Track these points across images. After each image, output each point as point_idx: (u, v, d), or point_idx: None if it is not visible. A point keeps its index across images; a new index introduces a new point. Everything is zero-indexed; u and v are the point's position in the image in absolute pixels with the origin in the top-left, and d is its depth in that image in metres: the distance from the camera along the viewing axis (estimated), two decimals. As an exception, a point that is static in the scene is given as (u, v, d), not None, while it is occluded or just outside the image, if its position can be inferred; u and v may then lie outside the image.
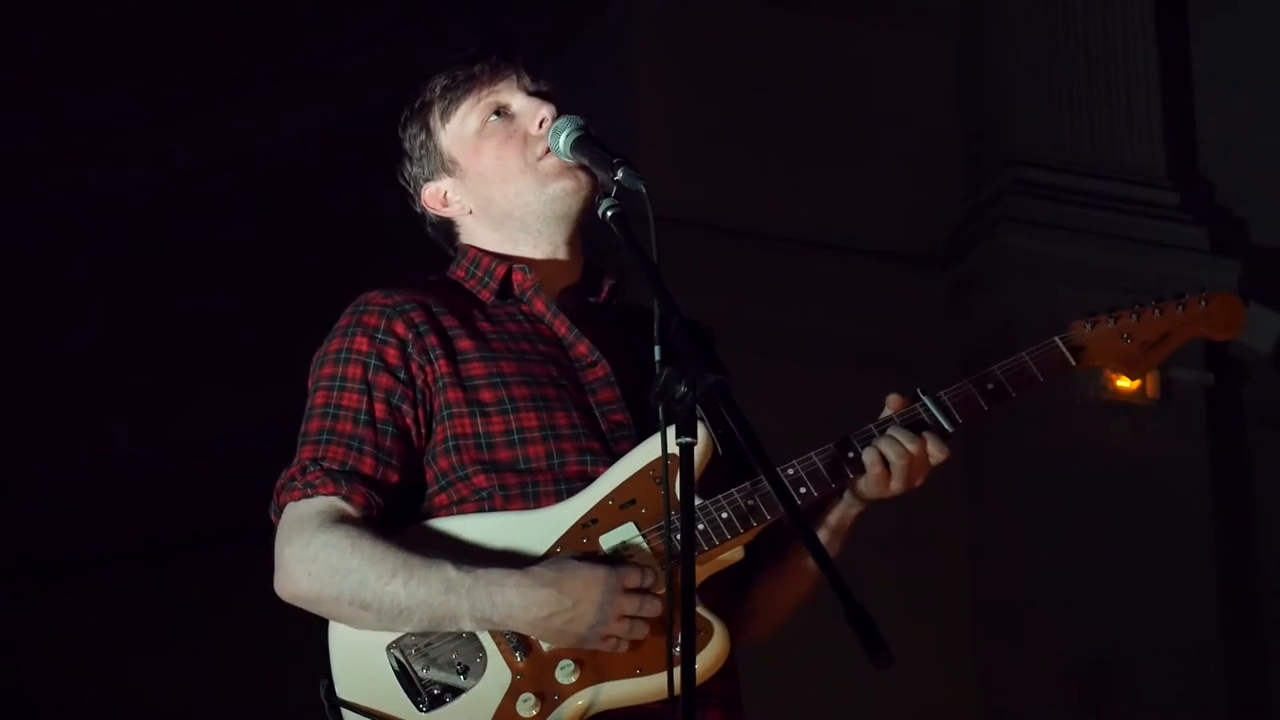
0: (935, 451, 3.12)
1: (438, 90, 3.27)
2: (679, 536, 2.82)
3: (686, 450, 2.71)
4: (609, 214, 3.01)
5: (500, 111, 3.24)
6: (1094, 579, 7.17)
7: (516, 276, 3.22)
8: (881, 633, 2.56)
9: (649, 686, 2.95)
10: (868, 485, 3.11)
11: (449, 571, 2.94)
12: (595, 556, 2.98)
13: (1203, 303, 3.26)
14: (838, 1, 7.81)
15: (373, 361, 3.10)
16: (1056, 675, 7.15)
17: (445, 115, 3.27)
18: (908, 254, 7.67)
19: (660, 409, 2.78)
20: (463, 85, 3.26)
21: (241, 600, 3.11)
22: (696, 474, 2.97)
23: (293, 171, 8.53)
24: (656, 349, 2.83)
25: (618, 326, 3.25)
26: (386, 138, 3.40)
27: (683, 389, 2.72)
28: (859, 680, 4.94)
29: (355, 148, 6.88)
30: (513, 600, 2.93)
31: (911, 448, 3.09)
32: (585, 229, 3.28)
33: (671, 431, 2.73)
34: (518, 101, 3.25)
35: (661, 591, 2.96)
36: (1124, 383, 7.32)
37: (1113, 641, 7.15)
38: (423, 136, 3.29)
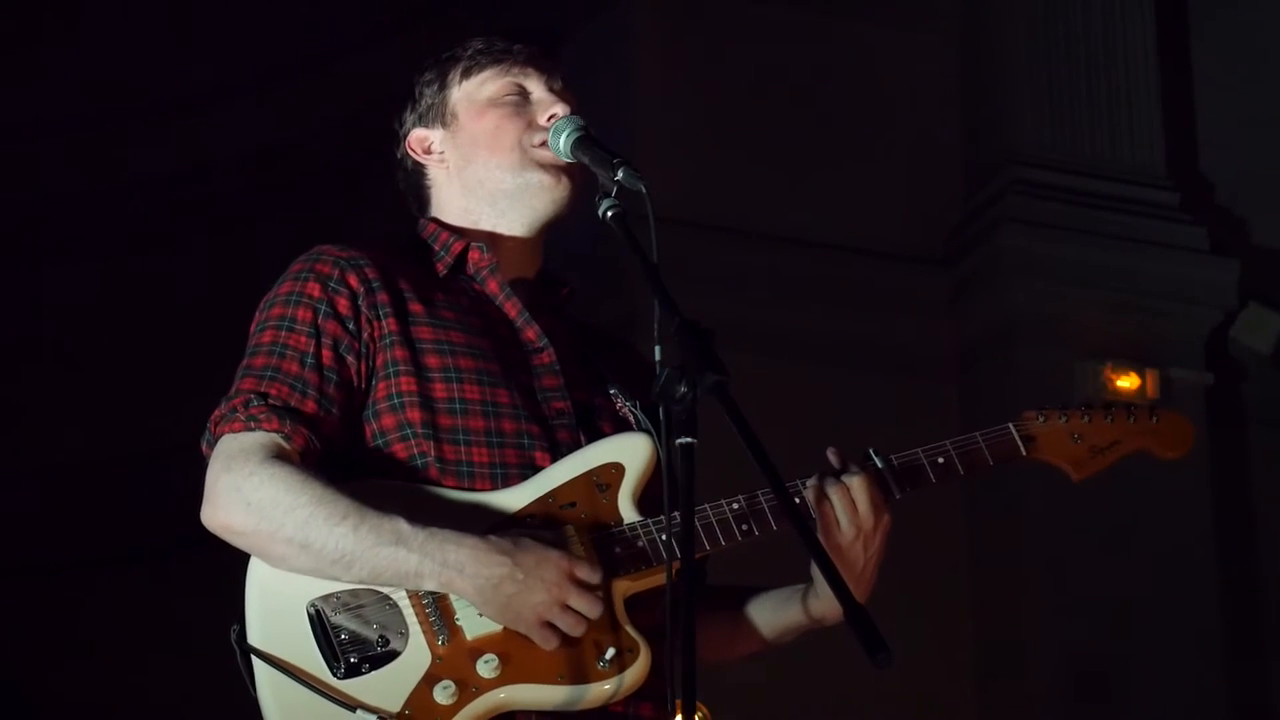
0: (878, 499, 3.07)
1: (470, 50, 3.31)
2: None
3: (687, 450, 2.69)
4: (609, 214, 3.01)
5: (519, 92, 3.27)
6: (1094, 580, 7.16)
7: (473, 255, 3.21)
8: (881, 633, 2.56)
9: (567, 696, 2.89)
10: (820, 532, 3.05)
11: (401, 524, 2.88)
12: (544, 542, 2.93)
13: (1154, 418, 3.29)
14: (838, 1, 7.81)
15: (323, 308, 3.07)
16: (1056, 676, 7.15)
17: (467, 73, 3.30)
18: (908, 254, 7.66)
19: (660, 409, 2.77)
20: (496, 54, 3.30)
21: (242, 600, 3.07)
22: (639, 486, 3.01)
23: (294, 172, 8.52)
24: (656, 349, 2.83)
25: (568, 326, 3.25)
26: (384, 140, 3.40)
27: (683, 389, 2.71)
28: (859, 680, 4.94)
29: (354, 150, 6.87)
30: (465, 559, 2.86)
31: (859, 497, 3.06)
32: (554, 239, 3.28)
33: (637, 434, 2.72)
34: (539, 91, 3.28)
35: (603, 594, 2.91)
36: (1124, 382, 7.32)
37: (1112, 642, 7.15)
38: (436, 85, 3.31)
